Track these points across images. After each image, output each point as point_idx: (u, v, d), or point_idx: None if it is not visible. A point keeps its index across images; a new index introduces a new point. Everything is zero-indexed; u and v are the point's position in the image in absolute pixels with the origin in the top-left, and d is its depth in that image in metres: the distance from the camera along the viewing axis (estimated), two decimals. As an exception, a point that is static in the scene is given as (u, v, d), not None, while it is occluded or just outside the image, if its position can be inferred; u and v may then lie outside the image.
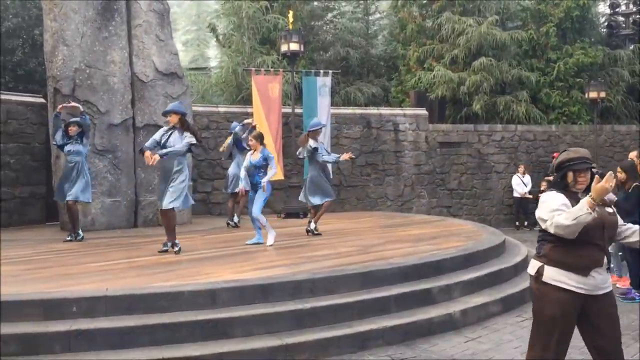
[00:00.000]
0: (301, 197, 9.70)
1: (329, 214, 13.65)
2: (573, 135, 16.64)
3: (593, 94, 15.86)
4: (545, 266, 3.51)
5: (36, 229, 11.04)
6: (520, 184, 15.37)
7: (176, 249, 7.54)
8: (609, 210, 3.50)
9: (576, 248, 3.39)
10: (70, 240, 9.02)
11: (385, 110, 15.64)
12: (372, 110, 15.45)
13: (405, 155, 15.18)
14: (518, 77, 17.13)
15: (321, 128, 9.61)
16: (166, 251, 7.59)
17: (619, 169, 7.49)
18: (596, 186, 3.19)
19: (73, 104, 9.58)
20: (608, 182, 3.16)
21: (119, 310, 5.16)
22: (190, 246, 8.20)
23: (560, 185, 3.52)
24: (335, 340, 5.25)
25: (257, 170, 8.25)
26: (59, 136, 9.11)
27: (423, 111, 15.63)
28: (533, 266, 3.58)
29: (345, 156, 9.50)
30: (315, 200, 9.27)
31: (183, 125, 7.58)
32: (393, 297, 6.00)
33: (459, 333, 5.85)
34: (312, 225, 9.34)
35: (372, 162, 14.86)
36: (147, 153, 7.21)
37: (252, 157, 8.27)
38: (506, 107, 16.82)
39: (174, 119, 7.55)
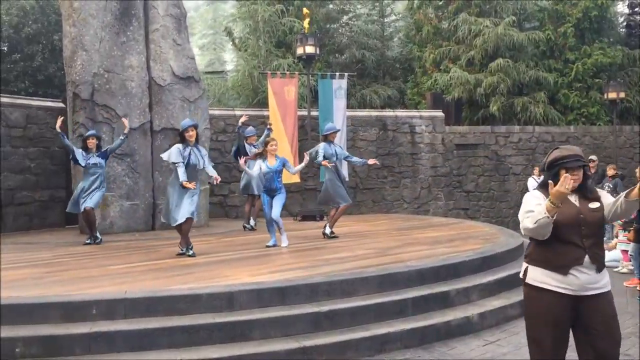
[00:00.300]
0: (321, 200, 9.71)
1: (345, 217, 13.65)
2: (592, 137, 16.47)
3: (612, 95, 15.69)
4: (529, 267, 3.49)
5: (56, 232, 11.17)
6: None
7: (190, 252, 7.61)
8: (593, 206, 3.40)
9: (554, 247, 3.36)
10: (90, 244, 9.12)
11: (401, 112, 15.61)
12: (388, 113, 15.43)
13: (422, 157, 15.13)
14: (536, 78, 17.00)
15: (337, 132, 9.59)
16: (184, 254, 7.64)
17: (637, 170, 7.41)
18: (553, 190, 3.19)
19: (124, 120, 9.78)
20: (564, 185, 3.15)
21: (138, 313, 5.20)
22: (208, 249, 8.24)
23: (553, 182, 3.44)
24: (352, 343, 5.24)
25: (277, 175, 8.26)
26: (80, 157, 9.09)
27: (439, 113, 15.57)
28: (522, 267, 3.57)
29: (325, 162, 9.23)
30: (334, 203, 9.30)
31: (198, 140, 7.84)
32: (411, 300, 5.98)
33: (478, 336, 5.81)
34: (328, 230, 9.34)
35: (388, 164, 14.84)
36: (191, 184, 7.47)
37: (269, 163, 8.21)
38: (524, 108, 16.70)
39: (194, 133, 7.67)
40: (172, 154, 7.62)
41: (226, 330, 5.11)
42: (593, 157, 13.37)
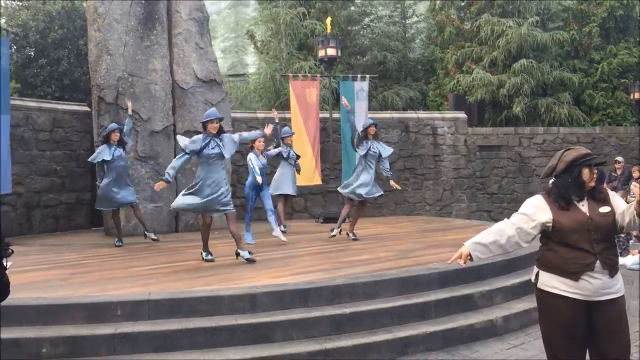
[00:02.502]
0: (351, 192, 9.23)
1: (367, 219, 13.62)
2: (618, 138, 16.20)
3: (638, 95, 15.43)
4: (540, 272, 3.44)
5: (81, 234, 11.33)
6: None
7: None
8: (604, 210, 3.34)
9: (565, 252, 3.31)
10: (120, 246, 9.17)
11: (423, 114, 15.53)
12: (410, 114, 15.36)
13: (444, 159, 15.03)
14: (560, 78, 16.79)
15: (374, 124, 9.45)
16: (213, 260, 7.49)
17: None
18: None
19: (128, 102, 9.96)
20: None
21: (162, 314, 5.25)
22: (230, 250, 8.28)
23: (574, 184, 3.38)
24: (374, 346, 5.23)
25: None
26: (105, 153, 8.99)
27: (462, 114, 15.46)
28: (533, 272, 3.53)
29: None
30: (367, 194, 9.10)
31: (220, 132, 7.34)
32: (433, 303, 5.94)
33: (502, 339, 5.75)
34: (351, 236, 9.31)
35: (410, 166, 14.77)
36: None
37: (261, 159, 8.80)
38: (548, 109, 16.51)
39: (216, 126, 7.20)
40: (185, 139, 7.36)
41: (248, 332, 5.14)
42: (619, 158, 13.15)
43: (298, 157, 10.83)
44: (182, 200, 7.25)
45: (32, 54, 15.00)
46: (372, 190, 9.13)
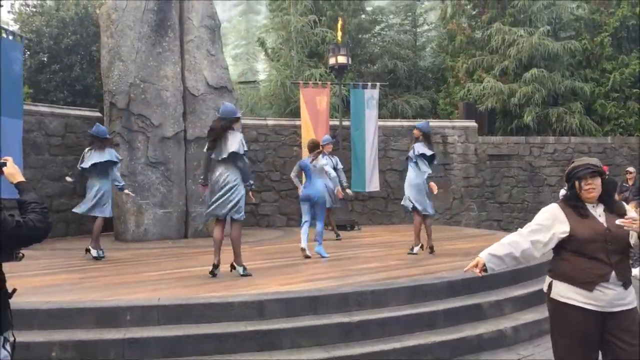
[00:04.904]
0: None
1: (376, 227, 13.62)
2: (630, 148, 16.09)
3: (651, 105, 15.34)
4: (554, 281, 3.42)
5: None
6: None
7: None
8: (620, 222, 3.31)
9: (579, 262, 3.29)
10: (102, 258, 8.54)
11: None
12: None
13: (454, 167, 15.00)
14: (571, 88, 16.73)
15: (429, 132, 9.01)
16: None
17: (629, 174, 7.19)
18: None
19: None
20: None
21: (171, 320, 5.26)
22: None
23: (572, 196, 3.45)
24: (383, 355, 5.21)
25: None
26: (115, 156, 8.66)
27: (472, 123, 15.43)
28: (546, 282, 3.50)
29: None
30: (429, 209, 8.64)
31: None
32: (442, 312, 5.92)
33: (511, 350, 5.71)
34: (416, 249, 8.58)
35: (420, 174, 14.72)
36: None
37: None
38: (559, 118, 16.44)
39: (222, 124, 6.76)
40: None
41: (256, 339, 5.13)
42: (631, 168, 13.04)
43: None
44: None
45: (45, 59, 15.12)
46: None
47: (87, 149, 8.59)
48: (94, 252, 8.31)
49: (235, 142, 6.62)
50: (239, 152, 6.62)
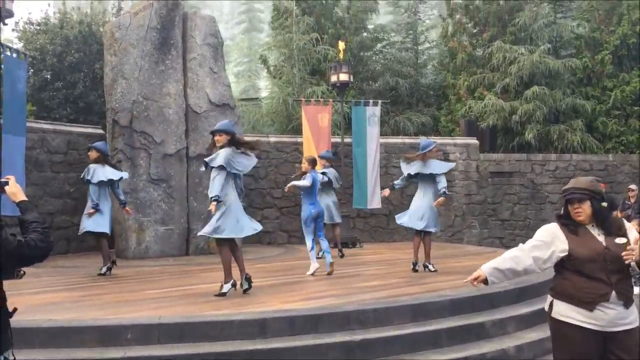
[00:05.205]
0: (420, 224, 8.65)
1: (378, 244, 13.58)
2: (631, 165, 16.09)
3: (652, 123, 15.36)
4: (555, 300, 3.42)
5: (93, 256, 11.33)
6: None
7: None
8: (620, 241, 3.31)
9: (579, 282, 3.30)
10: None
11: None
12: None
13: (456, 184, 14.99)
14: (572, 105, 16.77)
15: (435, 147, 8.98)
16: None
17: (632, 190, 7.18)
18: None
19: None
20: None
21: (172, 338, 5.23)
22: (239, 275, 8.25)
23: (565, 216, 3.49)
24: (385, 374, 5.17)
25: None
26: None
27: (474, 140, 15.45)
28: (547, 301, 3.50)
29: None
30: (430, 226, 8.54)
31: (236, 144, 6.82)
32: (444, 331, 5.88)
33: (514, 369, 5.67)
34: (423, 266, 8.60)
35: (422, 191, 14.71)
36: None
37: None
38: (560, 136, 16.46)
39: (222, 138, 6.74)
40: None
41: (258, 358, 5.10)
42: (633, 186, 13.04)
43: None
44: None
45: (48, 77, 15.22)
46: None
47: (92, 165, 8.56)
48: (104, 269, 8.41)
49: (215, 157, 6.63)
50: (210, 166, 6.63)
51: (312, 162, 8.36)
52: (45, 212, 11.41)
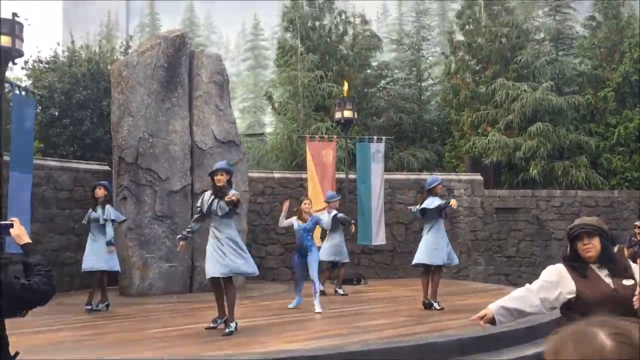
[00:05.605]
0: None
1: (383, 281, 13.47)
2: (637, 202, 16.03)
3: (656, 159, 15.36)
4: None
5: (96, 293, 11.29)
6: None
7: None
8: (628, 282, 3.25)
9: None
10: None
11: (439, 176, 15.53)
12: (427, 176, 15.38)
13: (461, 220, 14.94)
14: (576, 141, 16.82)
15: (440, 184, 9.00)
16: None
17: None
18: None
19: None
20: None
21: (174, 380, 5.17)
22: (245, 313, 8.19)
23: (573, 256, 3.41)
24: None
25: (308, 233, 8.37)
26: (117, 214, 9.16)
27: (478, 176, 15.47)
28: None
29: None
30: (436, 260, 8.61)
31: (230, 185, 7.12)
32: (451, 372, 5.80)
33: (522, 412, 5.56)
34: (437, 305, 8.50)
35: (426, 228, 14.66)
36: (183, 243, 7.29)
37: (300, 222, 8.44)
38: (565, 172, 16.46)
39: (223, 177, 6.94)
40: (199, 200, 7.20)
41: (261, 400, 5.03)
42: (639, 222, 12.97)
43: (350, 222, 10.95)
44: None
45: (56, 114, 15.41)
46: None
47: (108, 205, 8.86)
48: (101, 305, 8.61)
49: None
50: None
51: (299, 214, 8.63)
52: (49, 248, 11.41)
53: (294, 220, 8.55)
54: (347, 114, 13.29)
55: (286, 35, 19.55)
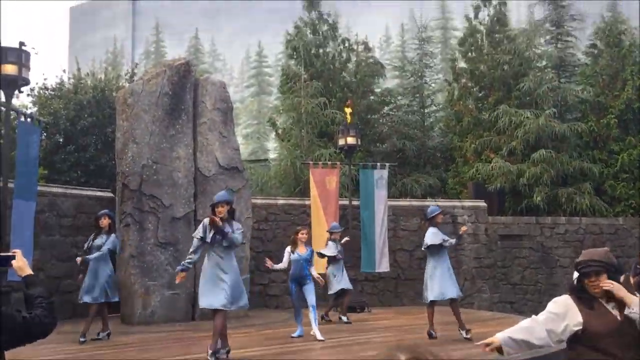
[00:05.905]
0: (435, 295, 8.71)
1: (386, 309, 13.35)
2: (642, 229, 15.95)
3: (661, 185, 15.32)
4: None
5: (98, 321, 11.19)
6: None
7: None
8: (634, 313, 3.20)
9: (594, 357, 3.17)
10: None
11: (442, 202, 15.50)
12: (430, 202, 15.35)
13: (465, 248, 14.86)
14: (580, 168, 16.81)
15: (440, 213, 9.05)
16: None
17: None
18: None
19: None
20: None
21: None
22: (247, 342, 8.13)
23: (579, 288, 3.35)
24: None
25: (307, 263, 8.37)
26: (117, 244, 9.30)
27: (482, 203, 15.42)
28: None
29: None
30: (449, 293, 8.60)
31: (232, 216, 7.27)
32: (456, 405, 5.70)
33: None
34: (465, 334, 8.52)
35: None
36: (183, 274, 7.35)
37: (300, 251, 8.41)
38: (569, 199, 16.42)
39: (224, 209, 7.07)
40: (199, 228, 7.30)
41: None
42: (644, 250, 12.88)
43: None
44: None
45: (61, 140, 15.48)
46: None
47: (113, 235, 9.02)
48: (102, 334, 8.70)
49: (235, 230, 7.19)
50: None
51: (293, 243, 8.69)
52: (51, 275, 11.36)
53: (288, 252, 8.56)
54: (351, 140, 13.32)
55: (290, 62, 19.72)
